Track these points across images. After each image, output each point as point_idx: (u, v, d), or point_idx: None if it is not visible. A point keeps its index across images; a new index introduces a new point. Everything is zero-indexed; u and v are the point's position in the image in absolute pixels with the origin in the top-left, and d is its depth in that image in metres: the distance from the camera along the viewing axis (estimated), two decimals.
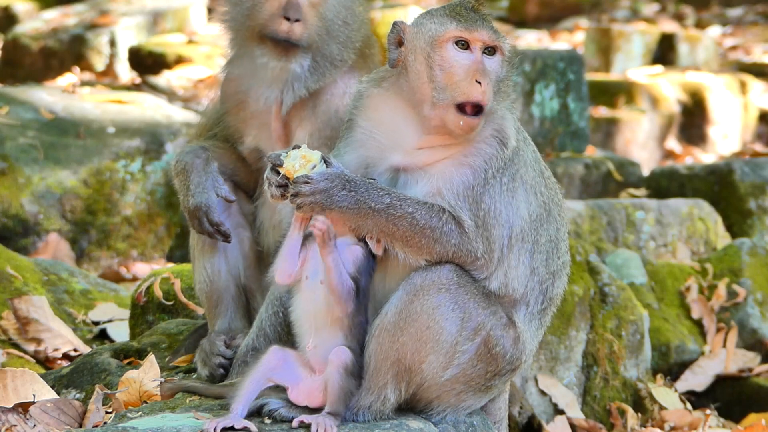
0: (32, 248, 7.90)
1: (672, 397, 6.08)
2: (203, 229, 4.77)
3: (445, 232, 4.05)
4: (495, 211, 4.10)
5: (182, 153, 4.86)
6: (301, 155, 4.05)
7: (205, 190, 4.76)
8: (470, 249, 4.08)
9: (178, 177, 4.84)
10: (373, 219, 4.03)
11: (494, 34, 4.13)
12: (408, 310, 4.04)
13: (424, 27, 4.17)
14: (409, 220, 4.03)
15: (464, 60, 4.10)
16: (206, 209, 4.74)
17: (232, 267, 4.92)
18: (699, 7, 20.95)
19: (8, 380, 4.67)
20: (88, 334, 6.29)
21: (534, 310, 4.28)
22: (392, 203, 4.03)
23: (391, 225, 4.04)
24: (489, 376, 4.18)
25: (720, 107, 13.31)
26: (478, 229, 4.08)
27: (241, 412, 4.00)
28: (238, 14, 4.82)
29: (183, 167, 4.81)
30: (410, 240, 4.05)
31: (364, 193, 4.02)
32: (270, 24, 4.74)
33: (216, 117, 5.03)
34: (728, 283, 6.79)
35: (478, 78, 4.06)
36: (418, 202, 4.06)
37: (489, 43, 4.12)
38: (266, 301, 4.66)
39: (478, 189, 4.09)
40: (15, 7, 17.53)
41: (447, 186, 4.09)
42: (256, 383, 4.07)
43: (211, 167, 4.80)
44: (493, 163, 4.12)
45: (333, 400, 4.00)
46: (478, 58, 4.10)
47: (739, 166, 8.62)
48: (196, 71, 13.95)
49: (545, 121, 9.72)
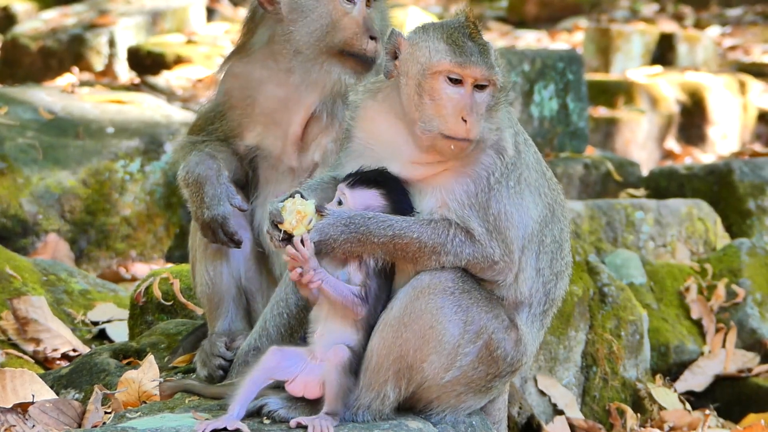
0: (31, 248, 7.90)
1: (671, 397, 6.08)
2: (218, 239, 4.79)
3: (456, 245, 4.06)
4: (507, 214, 4.10)
5: (192, 163, 4.83)
6: (296, 211, 4.09)
7: (221, 202, 4.76)
8: (485, 255, 4.08)
9: (189, 188, 4.82)
10: (381, 250, 4.07)
11: (488, 71, 4.06)
12: (413, 306, 4.05)
13: (419, 50, 4.10)
14: (417, 245, 4.06)
15: (454, 95, 4.06)
16: (222, 221, 4.75)
17: (233, 269, 4.93)
18: (698, 7, 20.96)
19: (7, 380, 4.67)
20: (87, 335, 6.28)
21: (536, 312, 4.29)
22: (396, 234, 4.05)
23: (399, 252, 4.08)
24: (489, 377, 4.18)
25: (719, 107, 13.31)
26: (491, 234, 4.08)
27: (238, 412, 3.99)
28: (312, 32, 4.81)
29: (195, 179, 4.79)
30: (420, 259, 4.09)
31: (365, 232, 4.05)
32: (355, 42, 4.76)
33: (215, 112, 5.02)
34: (727, 284, 6.79)
35: (464, 116, 4.03)
36: (422, 224, 4.07)
37: (481, 80, 4.08)
38: (271, 302, 4.67)
39: (482, 195, 4.09)
40: (14, 7, 17.52)
41: (451, 197, 4.10)
42: (254, 383, 4.07)
43: (223, 177, 4.81)
44: (493, 170, 4.11)
45: (331, 399, 4.00)
46: (468, 94, 4.05)
47: (738, 166, 8.62)
48: (195, 71, 13.95)
49: (544, 121, 9.72)
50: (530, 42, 18.08)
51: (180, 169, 4.87)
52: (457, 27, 4.10)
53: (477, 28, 4.10)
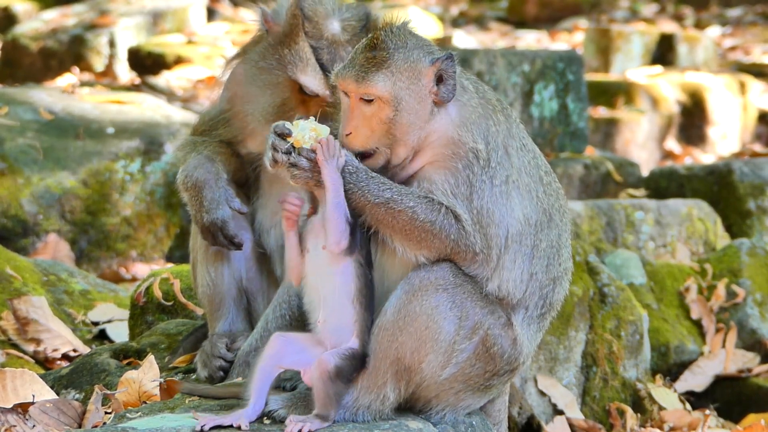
0: (31, 249, 7.90)
1: (671, 397, 6.08)
2: (218, 242, 4.79)
3: (444, 226, 4.06)
4: (488, 211, 4.11)
5: (190, 167, 4.83)
6: (310, 128, 4.04)
7: (220, 206, 4.76)
8: (468, 244, 4.08)
9: (188, 192, 4.82)
10: (373, 212, 4.05)
11: (356, 84, 4.09)
12: (407, 309, 4.05)
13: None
14: (409, 214, 4.04)
15: (345, 106, 4.16)
16: (222, 224, 4.75)
17: (234, 270, 4.93)
18: (698, 7, 20.97)
19: (8, 380, 4.67)
20: (88, 335, 6.29)
21: (533, 315, 4.29)
22: (393, 198, 4.04)
23: (390, 218, 4.05)
24: (488, 375, 4.18)
25: (719, 108, 13.31)
26: (475, 225, 4.09)
27: (254, 405, 4.01)
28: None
29: (194, 183, 4.80)
30: (410, 233, 4.06)
31: (363, 186, 4.04)
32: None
33: (218, 119, 5.02)
34: (727, 284, 6.79)
35: (342, 129, 4.13)
36: (419, 197, 4.07)
37: (353, 93, 4.13)
38: (273, 303, 4.67)
39: (463, 188, 4.10)
40: (14, 8, 17.53)
41: (435, 187, 4.11)
42: (265, 373, 4.07)
43: (221, 180, 4.81)
44: (468, 165, 4.11)
45: (320, 405, 4.01)
46: (347, 107, 4.13)
47: (738, 166, 8.62)
48: (195, 72, 13.96)
49: (544, 122, 9.72)
50: (530, 42, 18.10)
51: (179, 172, 4.87)
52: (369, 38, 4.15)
53: (379, 39, 4.10)
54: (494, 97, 4.29)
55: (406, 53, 4.11)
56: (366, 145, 4.10)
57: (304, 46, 4.69)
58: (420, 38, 4.20)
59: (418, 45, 4.15)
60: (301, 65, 4.70)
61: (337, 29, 4.69)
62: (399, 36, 4.13)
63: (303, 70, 4.70)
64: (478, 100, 4.22)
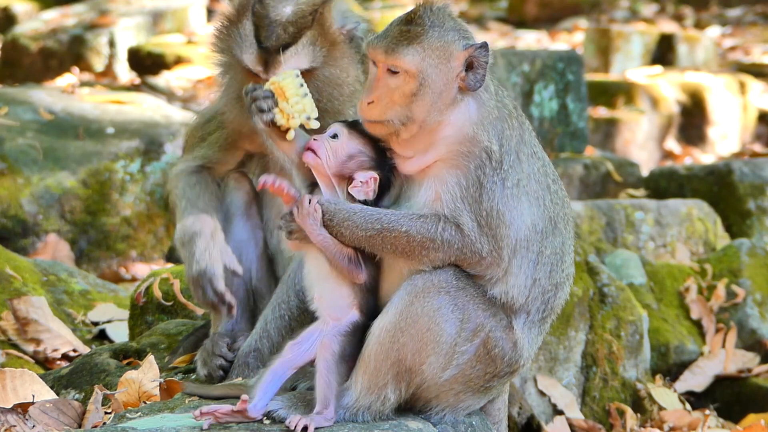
0: (31, 249, 7.90)
1: (671, 397, 6.09)
2: (207, 298, 4.74)
3: (446, 239, 4.06)
4: (498, 212, 4.10)
5: (188, 223, 4.80)
6: (298, 84, 4.20)
7: (211, 258, 4.73)
8: (474, 250, 4.08)
9: (184, 248, 4.79)
10: (367, 242, 4.07)
11: (386, 56, 4.09)
12: (408, 311, 4.05)
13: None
14: (405, 238, 4.05)
15: (371, 75, 4.15)
16: (210, 277, 4.72)
17: (244, 269, 4.90)
18: (698, 7, 20.97)
19: (7, 381, 4.67)
20: (88, 335, 6.29)
21: (534, 319, 4.29)
22: (384, 226, 4.05)
23: (388, 245, 4.06)
24: (488, 377, 4.18)
25: (719, 108, 13.32)
26: (482, 228, 4.08)
27: (258, 402, 4.01)
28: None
29: (190, 237, 4.78)
30: (410, 254, 4.07)
31: (350, 224, 4.05)
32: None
33: (212, 118, 5.01)
34: (727, 284, 6.80)
35: (363, 97, 4.13)
36: (411, 217, 4.06)
37: (382, 64, 4.11)
38: (272, 303, 4.66)
39: (473, 189, 4.08)
40: (14, 8, 17.53)
41: (444, 188, 4.10)
42: (277, 375, 4.07)
43: (218, 236, 4.78)
44: (480, 165, 4.10)
45: (320, 398, 4.01)
46: (374, 76, 4.13)
47: (738, 166, 8.63)
48: (195, 72, 13.96)
49: (544, 122, 9.72)
50: (530, 42, 18.10)
51: (176, 230, 4.85)
52: (407, 12, 4.15)
53: (417, 14, 4.09)
54: (511, 103, 4.29)
55: (441, 32, 4.09)
56: (382, 116, 4.09)
57: (247, 24, 4.68)
58: (458, 22, 4.18)
59: (455, 27, 4.14)
60: (240, 42, 4.69)
61: (287, 12, 4.67)
62: (437, 15, 4.12)
63: (241, 47, 4.69)
64: (496, 103, 4.22)
